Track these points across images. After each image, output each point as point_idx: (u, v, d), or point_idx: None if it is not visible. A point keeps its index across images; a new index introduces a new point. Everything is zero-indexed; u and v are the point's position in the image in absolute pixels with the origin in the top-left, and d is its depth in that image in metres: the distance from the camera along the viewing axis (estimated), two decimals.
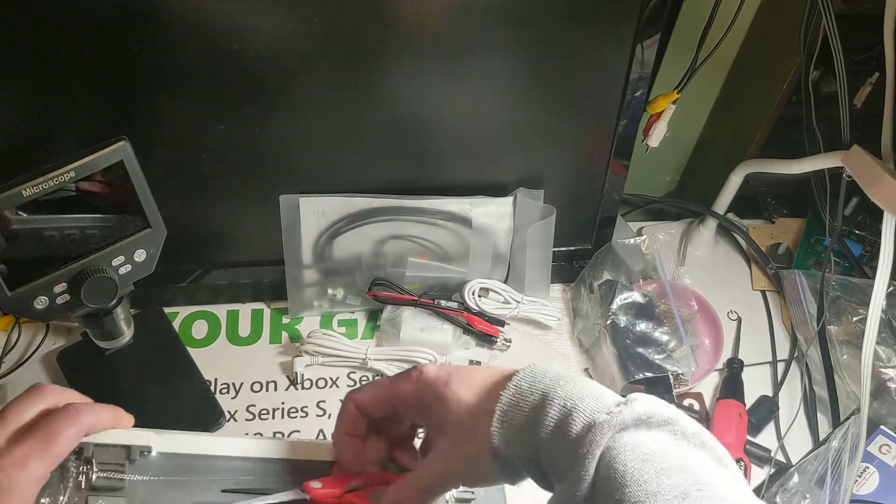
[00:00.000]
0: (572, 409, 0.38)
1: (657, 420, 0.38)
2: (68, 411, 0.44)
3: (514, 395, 0.41)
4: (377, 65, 0.63)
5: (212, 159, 0.67)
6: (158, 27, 0.57)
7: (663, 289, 0.82)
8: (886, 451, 0.70)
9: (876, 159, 0.63)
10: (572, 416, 0.38)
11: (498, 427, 0.40)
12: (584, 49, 0.65)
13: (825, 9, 0.62)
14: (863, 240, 0.89)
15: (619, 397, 0.39)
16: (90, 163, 0.53)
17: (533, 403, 0.40)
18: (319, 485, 0.47)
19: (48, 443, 0.42)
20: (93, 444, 0.46)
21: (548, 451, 0.39)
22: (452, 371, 0.44)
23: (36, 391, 0.46)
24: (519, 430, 0.40)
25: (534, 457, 0.40)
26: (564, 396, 0.39)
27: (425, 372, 0.44)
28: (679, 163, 1.00)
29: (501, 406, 0.40)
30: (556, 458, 0.38)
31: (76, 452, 0.45)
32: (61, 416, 0.43)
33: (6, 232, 0.54)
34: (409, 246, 0.77)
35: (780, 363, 0.82)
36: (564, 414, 0.38)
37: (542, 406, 0.39)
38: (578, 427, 0.37)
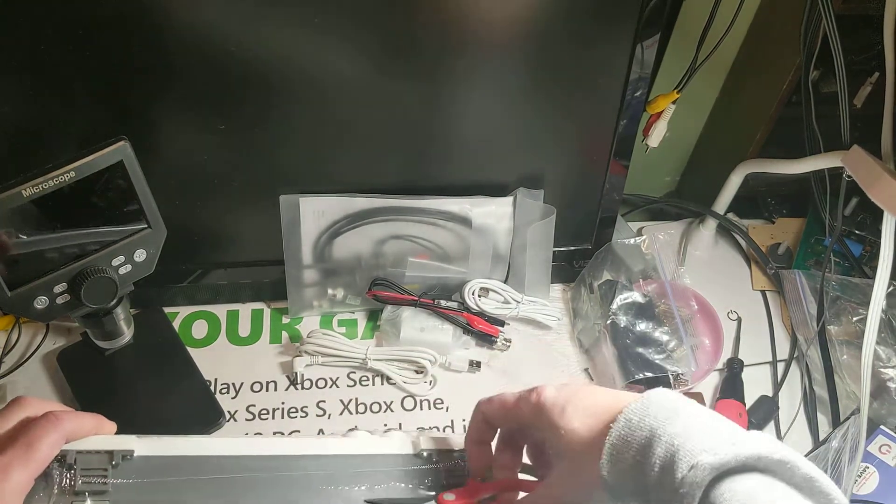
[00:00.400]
0: (679, 449, 0.37)
1: (766, 463, 0.36)
2: (48, 418, 0.44)
3: (622, 430, 0.39)
4: (377, 64, 0.63)
5: (211, 159, 0.67)
6: (158, 27, 0.57)
7: (663, 289, 0.82)
8: (886, 451, 0.70)
9: (876, 159, 0.63)
10: (678, 455, 0.36)
11: (607, 463, 0.39)
12: (584, 49, 0.65)
13: (825, 9, 0.62)
14: (863, 240, 0.89)
15: (736, 432, 0.38)
16: (90, 163, 0.53)
17: (640, 440, 0.38)
18: (453, 497, 0.49)
19: (29, 450, 0.42)
20: (75, 450, 0.46)
21: (655, 492, 0.38)
22: (569, 396, 0.44)
23: (16, 403, 0.46)
24: (628, 468, 0.39)
25: (644, 495, 0.39)
26: (672, 433, 0.37)
27: (543, 396, 0.44)
28: (679, 163, 1.00)
29: (610, 440, 0.40)
30: (664, 498, 0.37)
31: (59, 459, 0.45)
32: (41, 423, 0.44)
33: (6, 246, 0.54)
34: (409, 246, 0.77)
35: (780, 363, 0.82)
36: (670, 454, 0.37)
37: (649, 444, 0.38)
38: (684, 468, 0.36)
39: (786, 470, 0.36)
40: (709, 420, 0.39)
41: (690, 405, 0.40)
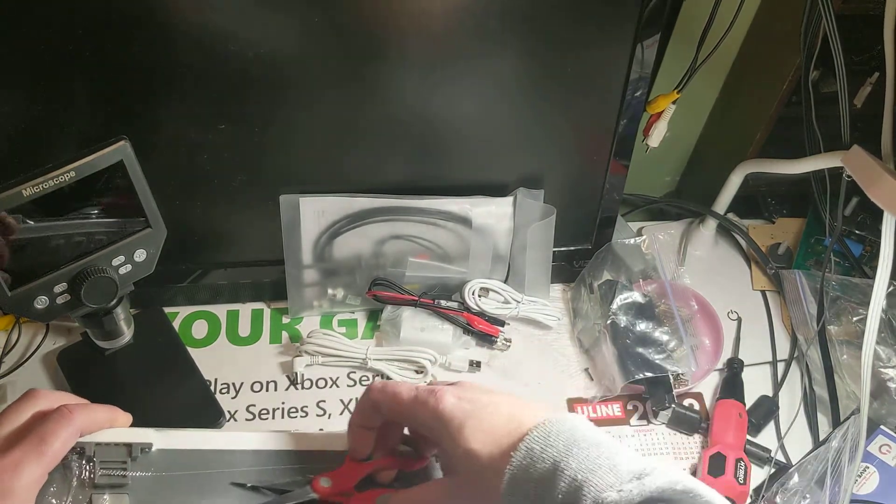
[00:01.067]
0: (582, 485, 0.36)
1: (669, 494, 0.36)
2: (61, 412, 0.44)
3: (524, 459, 0.39)
4: (377, 64, 0.63)
5: (212, 159, 0.67)
6: (158, 27, 0.57)
7: (663, 289, 0.82)
8: (886, 451, 0.70)
9: (876, 159, 0.63)
10: (582, 491, 0.36)
11: (506, 493, 0.39)
12: (584, 49, 0.65)
13: (825, 9, 0.62)
14: (863, 240, 0.89)
15: (633, 464, 0.37)
16: (90, 163, 0.53)
17: (543, 473, 0.38)
18: (329, 483, 0.47)
19: (42, 445, 0.42)
20: (94, 443, 0.46)
21: None
22: (470, 412, 0.42)
23: (29, 395, 0.46)
24: (527, 499, 0.38)
25: None
26: (576, 468, 0.37)
27: (442, 405, 0.43)
28: (679, 163, 1.00)
29: (511, 471, 0.39)
30: None
31: (78, 452, 0.45)
32: (55, 417, 0.43)
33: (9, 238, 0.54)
34: (409, 246, 0.77)
35: (780, 363, 0.82)
36: (574, 489, 0.36)
37: (552, 477, 0.37)
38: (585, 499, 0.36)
39: (688, 499, 0.36)
40: (611, 450, 0.38)
41: (591, 431, 0.39)
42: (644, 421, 0.76)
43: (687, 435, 0.75)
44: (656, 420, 0.75)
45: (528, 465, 0.38)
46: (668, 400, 0.73)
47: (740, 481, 0.68)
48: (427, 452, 0.50)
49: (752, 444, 0.73)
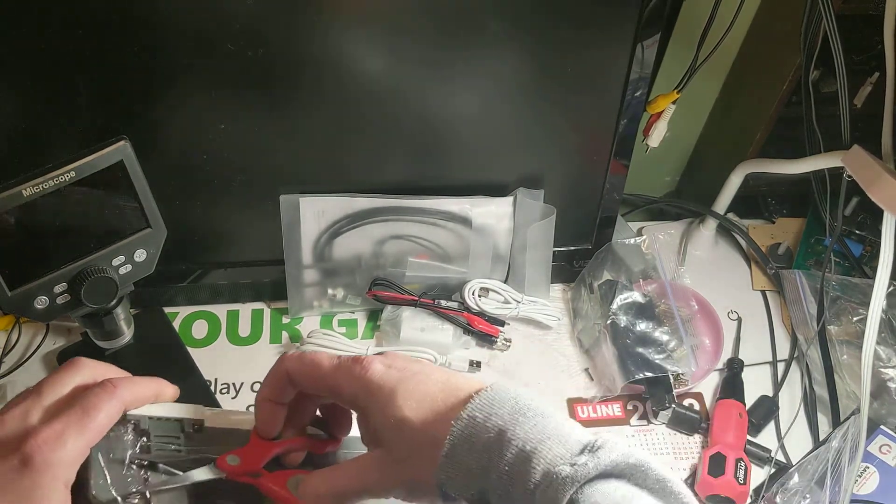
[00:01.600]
0: (531, 454, 0.35)
1: (621, 469, 0.34)
2: (105, 385, 0.41)
3: (465, 429, 0.36)
4: (377, 64, 0.63)
5: (212, 159, 0.67)
6: (158, 27, 0.57)
7: (663, 289, 0.82)
8: (886, 451, 0.70)
9: (876, 159, 0.63)
10: (531, 462, 0.34)
11: (445, 464, 0.36)
12: (584, 49, 0.65)
13: (825, 9, 0.62)
14: (863, 240, 0.89)
15: (582, 435, 0.36)
16: (90, 163, 0.54)
17: (486, 441, 0.36)
18: (237, 461, 0.44)
19: (85, 417, 0.39)
20: (146, 416, 0.44)
21: (500, 497, 0.36)
22: (400, 379, 0.39)
23: (71, 365, 0.43)
24: (470, 471, 0.36)
25: (483, 497, 0.36)
26: (523, 438, 0.35)
27: (370, 373, 0.40)
28: (679, 163, 1.00)
29: (451, 440, 0.36)
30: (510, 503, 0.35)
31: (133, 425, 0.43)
32: (98, 390, 0.41)
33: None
34: (409, 246, 0.77)
35: (780, 363, 0.82)
36: (522, 459, 0.35)
37: (497, 446, 0.35)
38: (538, 476, 0.34)
39: (640, 473, 0.35)
40: (557, 420, 0.37)
41: (535, 401, 0.37)
42: (644, 421, 0.76)
43: (687, 435, 0.75)
44: (656, 420, 0.75)
45: (469, 434, 0.36)
46: (668, 400, 0.73)
47: (740, 481, 0.68)
48: (339, 434, 0.47)
49: (752, 444, 0.73)
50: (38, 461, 0.36)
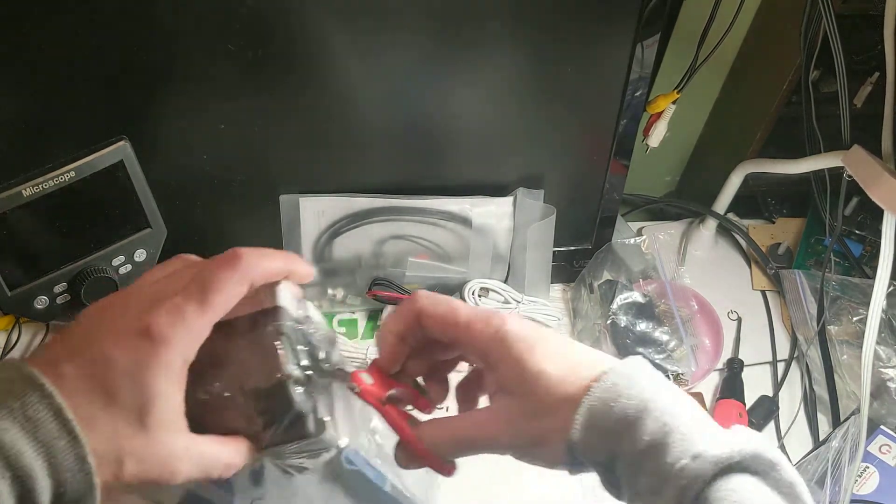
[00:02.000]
0: (673, 431, 0.34)
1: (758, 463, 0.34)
2: (226, 256, 0.37)
3: (606, 392, 0.36)
4: (378, 65, 0.63)
5: (212, 159, 0.67)
6: (158, 27, 0.57)
7: (663, 289, 0.82)
8: (886, 451, 0.70)
9: (876, 159, 0.63)
10: (672, 437, 0.34)
11: (582, 424, 0.36)
12: (584, 49, 0.65)
13: (825, 9, 0.62)
14: (863, 240, 0.89)
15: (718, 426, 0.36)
16: (90, 163, 0.54)
17: (626, 408, 0.36)
18: (371, 380, 0.41)
19: (206, 290, 0.35)
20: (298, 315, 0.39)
21: (631, 466, 0.35)
22: (539, 337, 0.39)
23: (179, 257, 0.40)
24: (604, 435, 0.36)
25: (610, 464, 0.36)
26: (665, 412, 0.35)
27: (507, 327, 0.39)
28: (679, 163, 1.00)
29: (590, 400, 0.36)
30: (641, 477, 0.35)
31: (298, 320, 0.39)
32: (219, 261, 0.37)
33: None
34: (409, 246, 0.77)
35: (780, 363, 0.82)
36: (663, 433, 0.34)
37: (637, 415, 0.35)
38: (681, 455, 0.34)
39: (774, 471, 0.34)
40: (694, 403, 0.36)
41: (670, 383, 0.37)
42: None
43: None
44: None
45: (609, 398, 0.36)
46: None
47: None
48: (439, 400, 0.46)
49: None
50: (155, 333, 0.34)
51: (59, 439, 0.32)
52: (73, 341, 0.35)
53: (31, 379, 0.32)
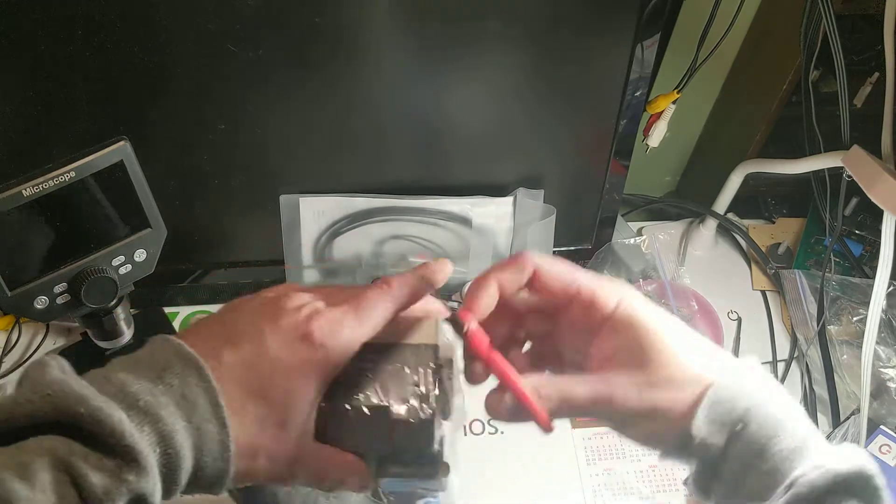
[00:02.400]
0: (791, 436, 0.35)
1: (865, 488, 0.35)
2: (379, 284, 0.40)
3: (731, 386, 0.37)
4: (378, 65, 0.63)
5: (212, 159, 0.67)
6: (158, 27, 0.57)
7: (663, 289, 0.82)
8: (886, 451, 0.70)
9: (876, 159, 0.63)
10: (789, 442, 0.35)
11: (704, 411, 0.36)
12: (585, 49, 0.65)
13: (825, 9, 0.62)
14: (863, 240, 0.89)
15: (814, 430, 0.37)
16: (90, 163, 0.53)
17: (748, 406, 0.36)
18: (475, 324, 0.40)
19: (361, 311, 0.38)
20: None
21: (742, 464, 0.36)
22: (667, 315, 0.39)
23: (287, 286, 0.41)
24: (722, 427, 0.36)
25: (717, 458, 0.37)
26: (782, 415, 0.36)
27: (633, 303, 0.38)
28: (679, 163, 1.00)
29: (717, 389, 0.36)
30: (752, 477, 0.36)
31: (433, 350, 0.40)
32: (373, 287, 0.39)
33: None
34: (409, 246, 0.77)
35: (780, 363, 0.82)
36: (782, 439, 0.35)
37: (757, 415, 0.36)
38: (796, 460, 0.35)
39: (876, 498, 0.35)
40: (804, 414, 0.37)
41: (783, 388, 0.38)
42: None
43: None
44: None
45: (734, 392, 0.36)
46: None
47: None
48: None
49: None
50: (316, 339, 0.36)
51: (209, 423, 0.33)
52: (231, 330, 0.37)
53: (190, 360, 0.34)
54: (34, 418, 0.31)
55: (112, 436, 0.30)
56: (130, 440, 0.30)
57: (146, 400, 0.32)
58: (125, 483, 0.30)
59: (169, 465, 0.32)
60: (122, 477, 0.30)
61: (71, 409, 0.31)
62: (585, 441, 0.74)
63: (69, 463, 0.30)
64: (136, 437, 0.31)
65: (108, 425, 0.30)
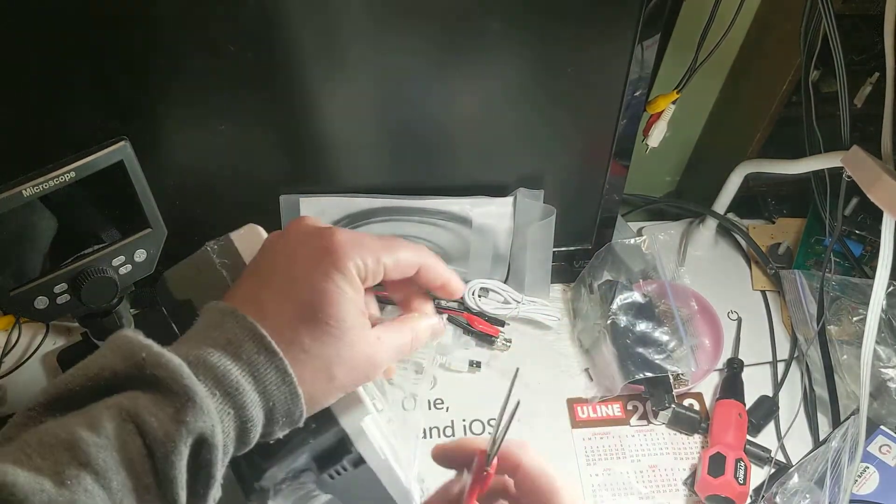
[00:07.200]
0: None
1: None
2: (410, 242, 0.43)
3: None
4: (378, 65, 0.63)
5: (212, 159, 0.67)
6: (158, 27, 0.57)
7: (663, 289, 0.82)
8: (886, 451, 0.70)
9: (876, 159, 0.63)
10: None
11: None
12: (585, 49, 0.65)
13: (825, 9, 0.62)
14: (863, 240, 0.89)
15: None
16: (90, 163, 0.53)
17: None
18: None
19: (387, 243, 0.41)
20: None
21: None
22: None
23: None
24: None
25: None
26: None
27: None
28: (679, 163, 1.00)
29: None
30: None
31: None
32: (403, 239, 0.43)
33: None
34: None
35: (780, 363, 0.82)
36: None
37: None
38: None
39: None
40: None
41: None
42: (644, 421, 0.76)
43: (687, 435, 0.75)
44: (656, 420, 0.75)
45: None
46: (668, 400, 0.73)
47: (740, 481, 0.68)
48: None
49: (752, 444, 0.73)
50: (335, 247, 0.39)
51: (258, 354, 0.35)
52: (262, 273, 0.40)
53: (227, 310, 0.37)
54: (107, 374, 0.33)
55: (171, 378, 0.33)
56: (188, 381, 0.33)
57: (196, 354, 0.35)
58: (184, 424, 0.32)
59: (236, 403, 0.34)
60: (180, 419, 0.32)
61: (135, 355, 0.34)
62: (585, 441, 0.74)
63: (133, 412, 0.32)
64: (193, 379, 0.33)
65: (168, 368, 0.33)
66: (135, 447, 0.32)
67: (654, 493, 0.71)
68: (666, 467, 0.73)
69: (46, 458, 0.30)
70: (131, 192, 0.57)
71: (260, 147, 0.67)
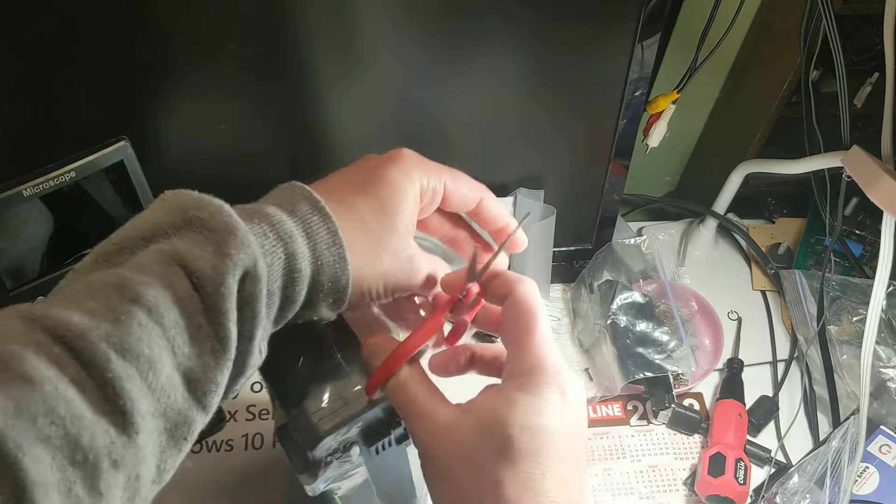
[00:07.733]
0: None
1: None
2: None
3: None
4: (377, 65, 0.63)
5: (212, 159, 0.67)
6: (158, 26, 0.57)
7: (663, 289, 0.82)
8: (886, 451, 0.70)
9: (876, 159, 0.63)
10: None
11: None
12: (584, 49, 0.65)
13: (825, 9, 0.62)
14: (863, 240, 0.89)
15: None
16: (90, 163, 0.54)
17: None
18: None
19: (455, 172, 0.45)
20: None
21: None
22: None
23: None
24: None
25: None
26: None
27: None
28: (679, 163, 1.00)
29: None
30: None
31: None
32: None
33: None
34: None
35: (780, 363, 0.82)
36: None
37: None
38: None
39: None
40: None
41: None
42: (644, 421, 0.76)
43: (687, 435, 0.75)
44: (656, 420, 0.75)
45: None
46: (668, 400, 0.73)
47: (740, 481, 0.68)
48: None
49: (752, 444, 0.73)
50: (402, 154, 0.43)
51: (312, 215, 0.37)
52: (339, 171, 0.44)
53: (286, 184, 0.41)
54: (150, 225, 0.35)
55: (212, 216, 0.34)
56: (228, 217, 0.34)
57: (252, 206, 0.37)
58: (228, 257, 0.33)
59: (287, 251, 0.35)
60: (223, 251, 0.33)
61: (180, 201, 0.35)
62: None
63: (177, 255, 0.33)
64: (234, 216, 0.34)
65: (209, 209, 0.34)
66: (183, 287, 0.32)
67: (654, 493, 0.71)
68: (666, 467, 0.73)
69: (98, 300, 0.31)
70: (131, 192, 0.57)
71: (260, 147, 0.67)
